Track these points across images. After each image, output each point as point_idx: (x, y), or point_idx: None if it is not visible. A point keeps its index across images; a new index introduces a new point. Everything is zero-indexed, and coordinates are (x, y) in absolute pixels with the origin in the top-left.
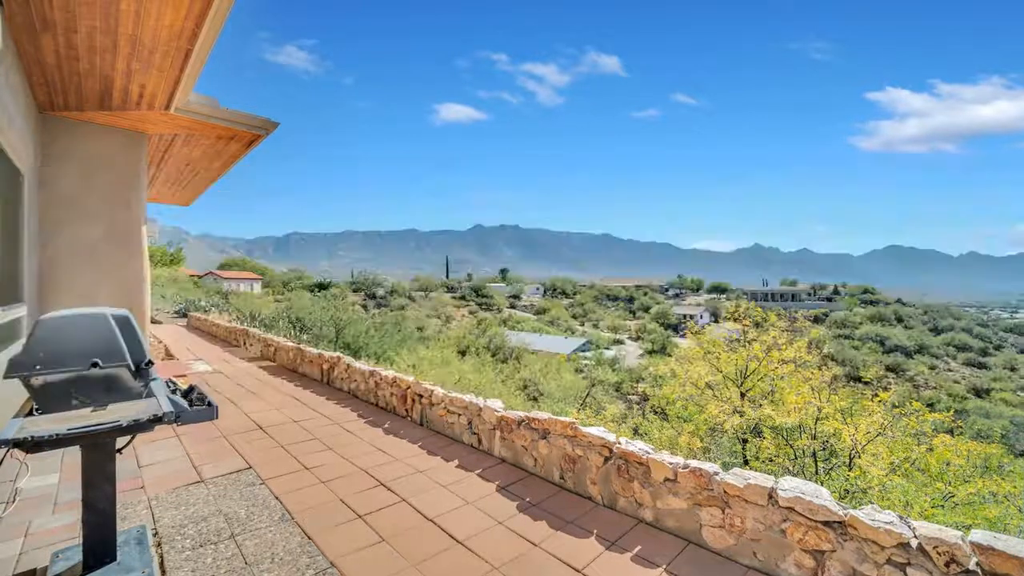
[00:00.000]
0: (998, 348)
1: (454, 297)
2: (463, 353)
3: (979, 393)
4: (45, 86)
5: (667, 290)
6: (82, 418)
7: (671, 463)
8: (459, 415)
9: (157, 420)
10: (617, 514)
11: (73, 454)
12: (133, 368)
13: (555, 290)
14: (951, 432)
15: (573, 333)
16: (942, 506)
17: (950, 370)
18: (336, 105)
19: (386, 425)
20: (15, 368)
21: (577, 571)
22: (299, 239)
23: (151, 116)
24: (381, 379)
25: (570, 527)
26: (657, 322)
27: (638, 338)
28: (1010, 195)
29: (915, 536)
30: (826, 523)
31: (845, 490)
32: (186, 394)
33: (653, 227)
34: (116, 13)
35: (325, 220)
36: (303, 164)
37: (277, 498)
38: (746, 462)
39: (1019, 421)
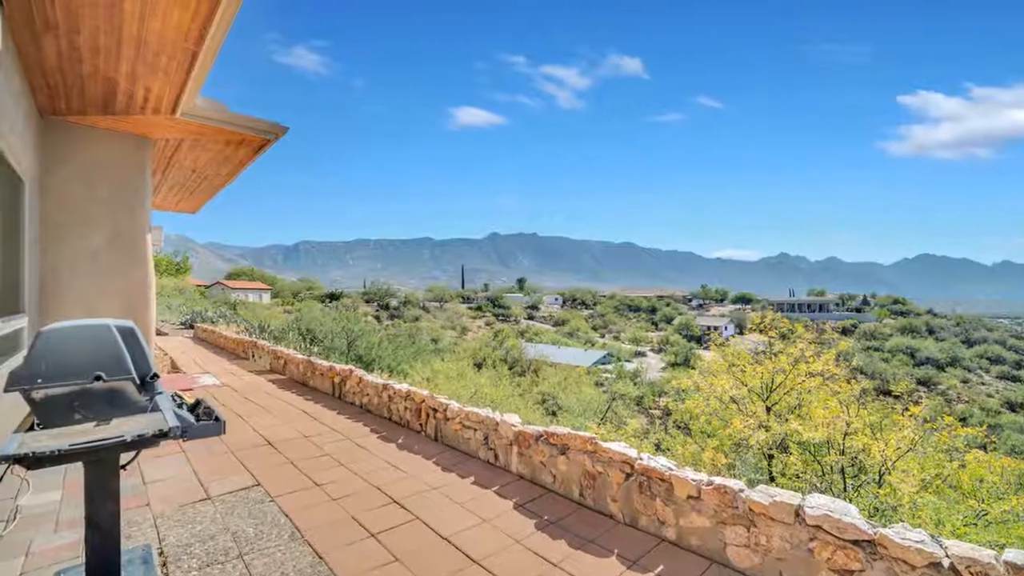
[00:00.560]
0: None
1: (470, 308)
2: (479, 366)
3: (1013, 407)
4: (47, 89)
5: (690, 301)
6: (85, 433)
7: (694, 480)
8: (475, 430)
9: (162, 435)
10: (639, 532)
11: (76, 471)
12: (138, 381)
13: (574, 300)
14: (984, 448)
15: (593, 345)
16: (975, 524)
17: (983, 384)
18: (348, 108)
19: (400, 440)
20: (15, 381)
21: None
22: (309, 248)
23: (156, 120)
24: (394, 393)
25: (590, 546)
26: (680, 334)
27: (660, 350)
28: None
29: (947, 556)
30: (855, 542)
31: (875, 508)
32: (192, 408)
33: (676, 235)
34: (120, 14)
35: (336, 228)
36: (313, 170)
37: (287, 516)
38: (772, 479)
39: None
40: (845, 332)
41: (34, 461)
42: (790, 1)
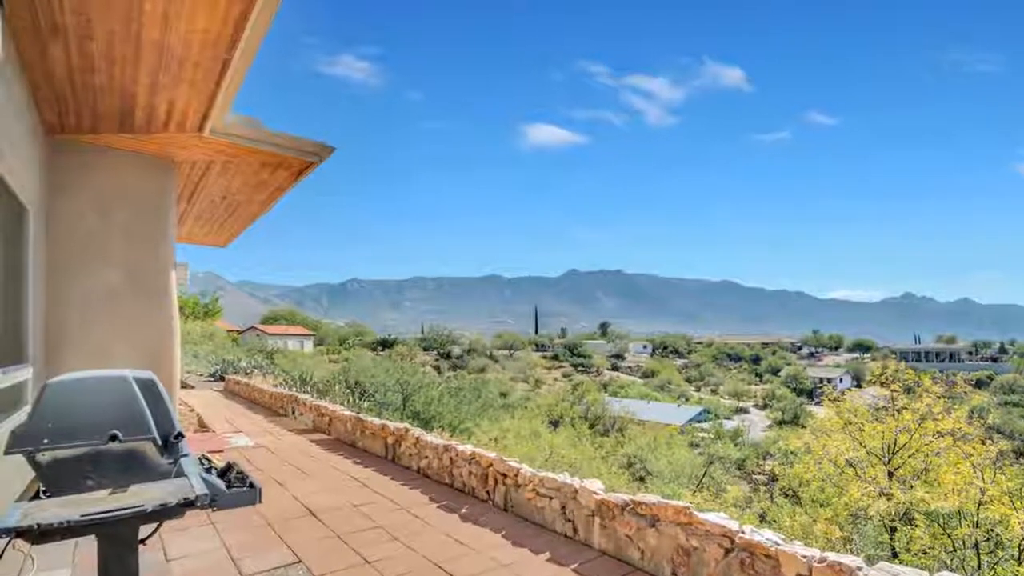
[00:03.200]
0: None
1: (544, 357)
2: (555, 424)
3: None
4: (54, 104)
5: (800, 348)
6: (98, 502)
7: (805, 556)
8: (550, 498)
9: (188, 504)
10: None
11: (88, 545)
12: (159, 442)
13: (665, 348)
14: None
15: (687, 400)
16: None
17: None
18: (402, 125)
19: (463, 510)
20: (18, 442)
21: None
22: (358, 287)
23: (181, 140)
24: (457, 455)
25: None
26: (788, 387)
27: (765, 406)
28: None
29: None
30: None
31: None
32: (223, 473)
33: (783, 272)
34: (139, 16)
35: (390, 264)
36: (362, 197)
37: None
38: (895, 555)
39: None
40: (979, 385)
41: (40, 534)
42: (915, 4)
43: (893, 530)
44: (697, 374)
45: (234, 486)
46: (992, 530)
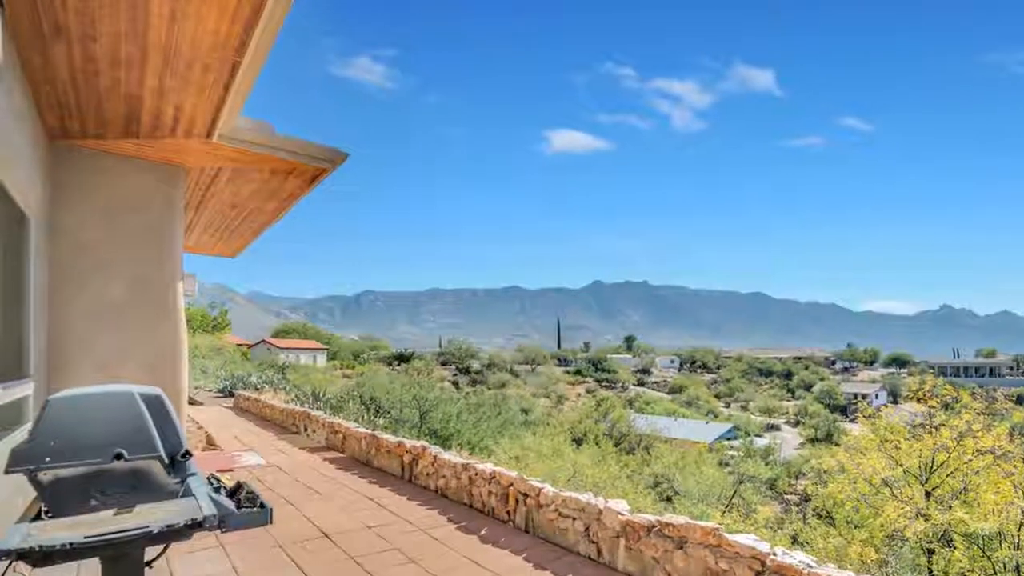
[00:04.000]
0: None
1: (567, 371)
2: (578, 442)
3: None
4: (57, 108)
5: (834, 363)
6: (102, 523)
7: None
8: (573, 519)
9: (196, 525)
10: None
11: (91, 568)
12: (166, 460)
13: (693, 363)
14: None
15: (716, 417)
16: None
17: None
18: (420, 130)
19: (483, 532)
20: (19, 461)
21: None
22: (373, 299)
23: (189, 146)
24: (476, 474)
25: None
26: (821, 403)
27: (797, 423)
28: None
29: None
30: None
31: None
32: (233, 493)
33: (815, 284)
34: (145, 16)
35: (406, 276)
36: (378, 205)
37: None
38: None
39: None
40: (1020, 401)
41: (41, 557)
42: (951, 3)
43: (931, 552)
44: (726, 390)
45: (244, 506)
46: None
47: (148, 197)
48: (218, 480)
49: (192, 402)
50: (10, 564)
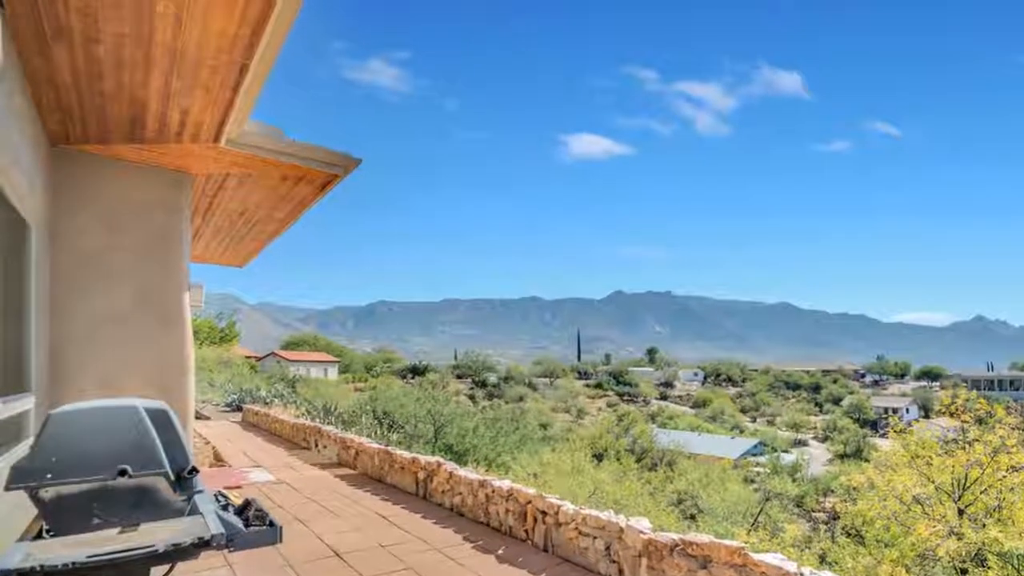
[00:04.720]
0: None
1: (588, 385)
2: (599, 458)
3: None
4: (59, 112)
5: (863, 376)
6: (106, 542)
7: None
8: (594, 537)
9: (203, 544)
10: None
11: None
12: (172, 477)
13: (718, 376)
14: None
15: (742, 432)
16: None
17: None
18: (435, 135)
19: (500, 551)
20: (19, 477)
21: None
22: (387, 310)
23: (196, 151)
24: (493, 491)
25: None
26: (850, 417)
27: (826, 438)
28: None
29: None
30: None
31: None
32: (241, 511)
33: (844, 294)
34: (150, 17)
35: (421, 286)
36: (392, 213)
37: None
38: None
39: None
40: None
41: None
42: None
43: (964, 572)
44: (752, 404)
45: (253, 525)
46: None
47: (153, 204)
48: (226, 497)
49: (199, 416)
50: None
